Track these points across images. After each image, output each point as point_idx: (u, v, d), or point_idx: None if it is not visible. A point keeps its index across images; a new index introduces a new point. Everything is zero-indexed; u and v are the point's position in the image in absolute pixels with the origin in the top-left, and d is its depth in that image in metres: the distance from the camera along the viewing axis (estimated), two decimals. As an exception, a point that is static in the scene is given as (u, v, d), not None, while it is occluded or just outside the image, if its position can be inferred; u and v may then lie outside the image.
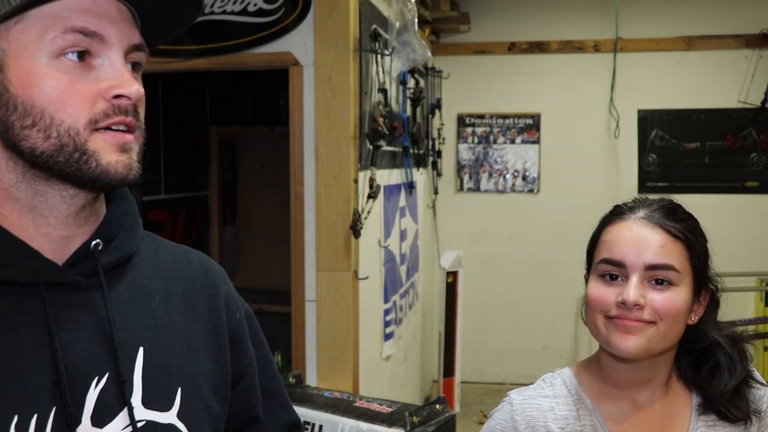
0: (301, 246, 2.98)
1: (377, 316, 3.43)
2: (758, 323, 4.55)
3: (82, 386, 0.79)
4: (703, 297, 1.17)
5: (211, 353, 0.93)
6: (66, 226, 0.82)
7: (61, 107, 0.77)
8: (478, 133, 5.75)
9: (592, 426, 1.16)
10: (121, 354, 0.82)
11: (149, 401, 0.84)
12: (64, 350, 0.78)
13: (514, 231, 5.73)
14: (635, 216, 1.14)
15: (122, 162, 0.80)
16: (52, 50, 0.77)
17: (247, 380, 1.00)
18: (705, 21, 5.42)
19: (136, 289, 0.88)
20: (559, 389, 1.20)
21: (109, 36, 0.79)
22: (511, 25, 5.63)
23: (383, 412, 2.67)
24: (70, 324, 0.80)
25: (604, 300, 1.11)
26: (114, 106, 0.79)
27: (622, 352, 1.09)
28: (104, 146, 0.79)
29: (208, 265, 1.01)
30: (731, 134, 5.43)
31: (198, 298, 0.95)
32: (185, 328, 0.91)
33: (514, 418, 1.17)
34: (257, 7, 2.96)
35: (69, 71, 0.77)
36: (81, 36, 0.77)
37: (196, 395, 0.89)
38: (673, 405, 1.18)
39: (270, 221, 5.04)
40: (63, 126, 0.77)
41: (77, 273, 0.82)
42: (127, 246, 0.88)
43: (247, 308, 1.04)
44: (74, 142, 0.77)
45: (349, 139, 2.91)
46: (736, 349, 1.17)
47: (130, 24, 0.82)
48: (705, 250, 1.16)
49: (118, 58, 0.80)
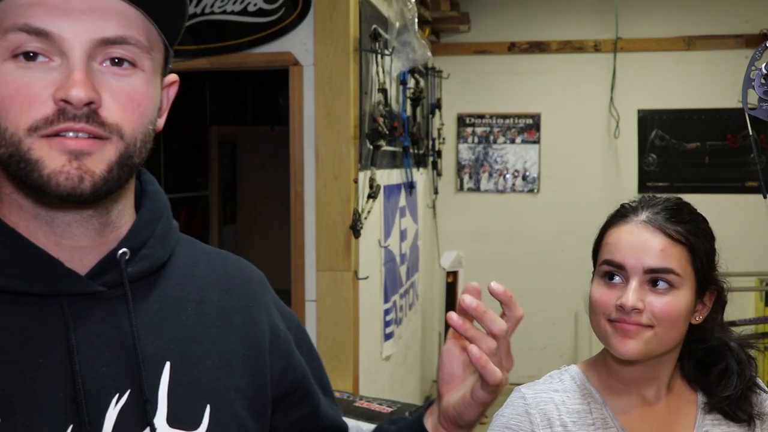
0: (301, 246, 2.98)
1: (377, 316, 3.43)
2: (758, 323, 4.55)
3: (101, 404, 0.74)
4: (708, 298, 1.18)
5: (247, 367, 0.86)
6: (73, 236, 0.77)
7: (4, 113, 0.70)
8: (478, 133, 5.75)
9: (603, 419, 1.16)
10: (145, 369, 0.76)
11: (175, 420, 0.78)
12: (84, 365, 0.73)
13: (514, 231, 5.73)
14: (637, 219, 1.14)
15: (66, 173, 0.70)
16: (1, 52, 0.70)
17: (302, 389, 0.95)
18: (705, 21, 5.42)
19: (167, 300, 0.83)
20: (568, 384, 1.21)
21: (61, 32, 0.70)
22: (511, 25, 5.63)
23: (383, 412, 2.67)
24: (91, 337, 0.75)
25: (604, 303, 1.12)
26: (59, 111, 0.70)
27: (621, 355, 1.11)
28: (50, 154, 0.70)
29: (248, 273, 0.95)
30: (731, 134, 5.43)
31: (234, 309, 0.88)
32: (219, 340, 0.85)
33: (529, 411, 1.17)
34: (257, 7, 2.96)
35: (17, 74, 0.70)
36: (23, 35, 0.70)
37: (227, 412, 0.82)
38: (679, 402, 1.19)
39: (270, 221, 5.05)
40: (7, 133, 0.70)
41: (101, 283, 0.77)
42: (157, 255, 0.82)
43: (295, 317, 0.98)
44: (18, 151, 0.70)
45: (349, 139, 2.91)
46: (745, 355, 1.19)
47: (104, 15, 0.72)
48: (710, 251, 1.17)
49: (74, 55, 0.71)
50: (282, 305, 0.97)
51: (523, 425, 1.16)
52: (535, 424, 1.15)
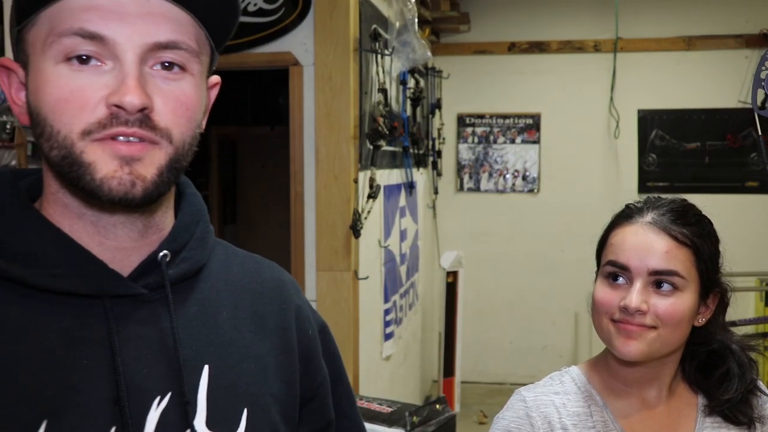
0: (301, 246, 2.98)
1: (377, 316, 3.43)
2: (758, 323, 4.55)
3: (143, 406, 0.74)
4: (712, 300, 1.18)
5: (280, 372, 0.86)
6: (117, 237, 0.77)
7: (58, 116, 0.71)
8: (478, 133, 5.75)
9: (603, 422, 1.16)
10: (185, 372, 0.77)
11: (213, 423, 0.78)
12: (126, 367, 0.74)
13: (514, 231, 5.73)
14: (643, 220, 1.14)
15: (118, 178, 0.71)
16: (53, 55, 0.71)
17: (319, 399, 0.94)
18: (705, 21, 5.42)
19: (204, 303, 0.83)
20: (568, 386, 1.20)
21: (115, 36, 0.71)
22: (511, 25, 5.63)
23: (383, 412, 2.67)
24: (133, 339, 0.76)
25: (608, 303, 1.12)
26: (112, 116, 0.71)
27: (624, 356, 1.11)
28: (102, 158, 0.71)
29: (280, 277, 0.95)
30: (731, 134, 5.43)
31: (267, 313, 0.88)
32: (254, 344, 0.85)
33: (530, 414, 1.16)
34: (257, 7, 2.96)
35: (71, 77, 0.71)
36: (78, 39, 0.70)
37: (263, 417, 0.83)
38: (679, 405, 1.19)
39: (270, 221, 5.05)
40: (60, 136, 0.71)
41: (143, 285, 0.77)
42: (197, 258, 0.83)
43: (321, 320, 0.98)
44: (71, 154, 0.71)
45: (349, 139, 2.91)
46: (746, 358, 1.19)
47: (157, 19, 0.72)
48: (714, 253, 1.16)
49: (129, 59, 0.71)
50: (311, 308, 0.97)
51: (523, 428, 1.16)
52: (535, 427, 1.15)
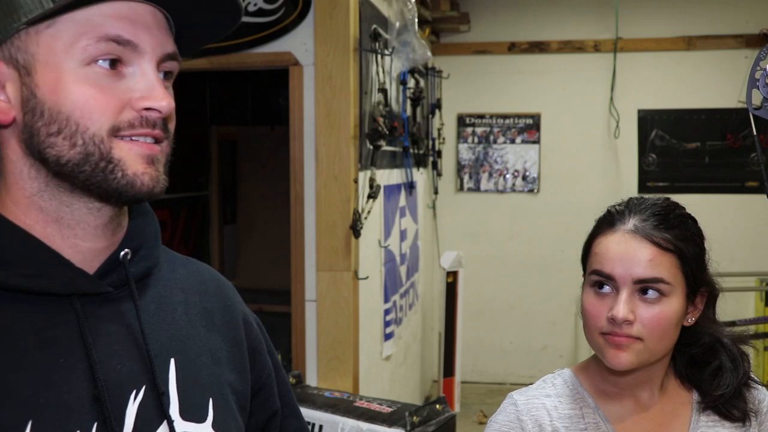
0: (301, 246, 2.98)
1: (377, 316, 3.43)
2: (758, 323, 4.55)
3: (122, 400, 0.78)
4: (699, 299, 1.17)
5: (232, 364, 0.92)
6: (94, 238, 0.80)
7: (87, 114, 0.74)
8: (478, 133, 5.75)
9: (596, 424, 1.16)
10: (155, 366, 0.80)
11: (186, 413, 0.83)
12: (101, 364, 0.77)
13: (514, 231, 5.73)
14: (625, 228, 1.13)
15: (149, 174, 0.77)
16: (83, 58, 0.74)
17: (267, 390, 0.99)
18: (705, 21, 5.42)
19: (161, 301, 0.87)
20: (560, 389, 1.21)
21: (143, 45, 0.76)
22: (511, 25, 5.63)
23: (383, 412, 2.67)
24: (104, 336, 0.79)
25: (596, 315, 1.12)
26: (142, 118, 0.76)
27: (615, 367, 1.12)
28: (130, 156, 0.76)
29: (218, 277, 1.00)
30: (731, 134, 5.43)
31: (214, 310, 0.93)
32: (207, 339, 0.90)
33: (521, 418, 1.17)
34: (257, 7, 2.96)
35: (99, 79, 0.75)
36: (114, 44, 0.74)
37: (225, 405, 0.88)
38: (673, 403, 1.19)
39: (270, 221, 5.04)
40: (88, 133, 0.74)
41: (107, 283, 0.80)
42: (154, 255, 0.87)
43: (256, 318, 1.03)
44: (99, 151, 0.75)
45: (349, 139, 2.91)
46: (738, 352, 1.19)
47: (164, 32, 0.79)
48: (699, 253, 1.15)
49: (150, 67, 0.77)
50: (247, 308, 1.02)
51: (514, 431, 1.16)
52: (526, 430, 1.16)
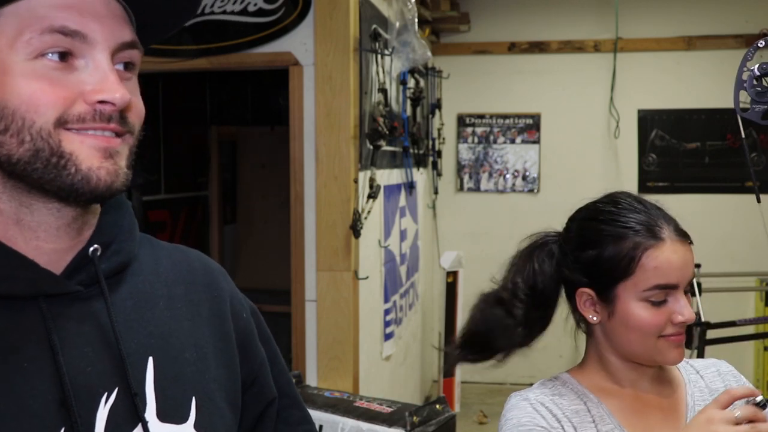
0: (301, 246, 2.98)
1: (377, 316, 3.43)
2: (758, 323, 4.55)
3: (91, 404, 0.73)
4: None
5: (221, 358, 0.87)
6: (57, 239, 0.76)
7: (33, 107, 0.69)
8: (478, 133, 5.75)
9: (601, 416, 1.20)
10: (129, 366, 0.76)
11: (164, 414, 0.78)
12: (69, 366, 0.73)
13: (514, 231, 5.68)
14: (671, 235, 1.17)
15: (105, 168, 0.72)
16: (28, 51, 0.70)
17: (260, 382, 0.94)
18: (705, 21, 5.42)
19: (139, 296, 0.82)
20: (561, 389, 1.24)
21: (93, 35, 0.72)
22: (511, 25, 5.63)
23: (383, 412, 2.67)
24: (73, 338, 0.74)
25: (658, 324, 1.16)
26: (95, 112, 0.71)
27: (675, 363, 1.20)
28: (83, 149, 0.71)
29: (208, 265, 0.95)
30: (731, 134, 5.43)
31: (201, 301, 0.89)
32: (192, 333, 0.85)
33: (536, 408, 1.19)
34: (257, 7, 2.96)
35: (47, 72, 0.70)
36: (60, 36, 0.70)
37: (210, 404, 0.83)
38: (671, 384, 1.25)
39: (270, 221, 5.04)
40: (35, 127, 0.70)
41: (77, 282, 0.76)
42: (127, 250, 0.82)
43: (252, 305, 0.99)
44: (48, 145, 0.70)
45: (349, 139, 2.91)
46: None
47: (119, 20, 0.75)
48: None
49: (103, 58, 0.73)
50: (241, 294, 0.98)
51: (536, 419, 1.18)
52: (546, 418, 1.18)
